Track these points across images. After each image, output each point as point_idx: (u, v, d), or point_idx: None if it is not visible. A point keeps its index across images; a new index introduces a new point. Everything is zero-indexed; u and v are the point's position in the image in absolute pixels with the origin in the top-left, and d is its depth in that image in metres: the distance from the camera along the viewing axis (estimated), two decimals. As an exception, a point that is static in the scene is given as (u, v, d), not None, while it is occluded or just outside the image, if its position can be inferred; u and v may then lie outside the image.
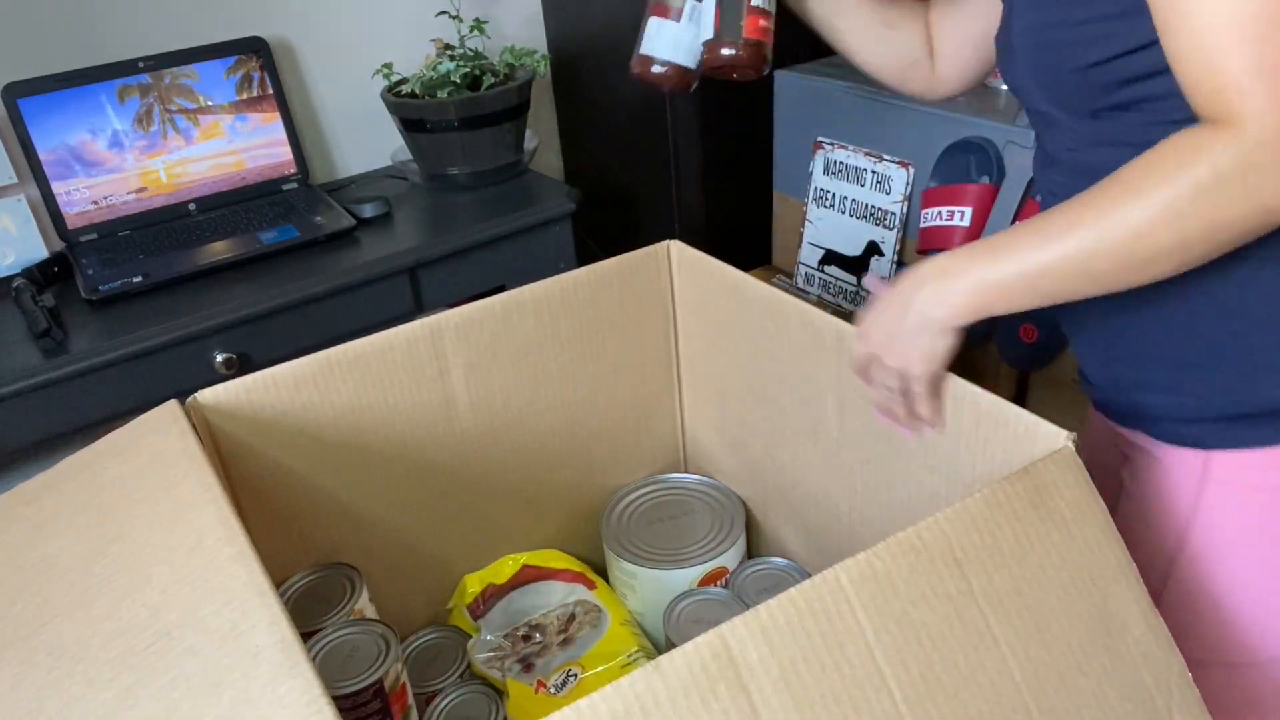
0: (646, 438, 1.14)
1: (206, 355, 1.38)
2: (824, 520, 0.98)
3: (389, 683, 0.82)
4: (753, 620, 0.56)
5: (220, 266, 1.47)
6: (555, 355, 1.00)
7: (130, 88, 1.56)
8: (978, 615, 0.61)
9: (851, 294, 1.74)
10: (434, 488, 0.99)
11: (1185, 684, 0.66)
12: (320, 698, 0.52)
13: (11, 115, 1.48)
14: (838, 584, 0.59)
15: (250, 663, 0.55)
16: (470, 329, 0.94)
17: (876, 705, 0.57)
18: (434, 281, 1.55)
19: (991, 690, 0.60)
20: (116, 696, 0.57)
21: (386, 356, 0.90)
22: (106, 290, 1.40)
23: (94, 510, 0.70)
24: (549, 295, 0.97)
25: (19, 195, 1.52)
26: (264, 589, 0.59)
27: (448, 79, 1.62)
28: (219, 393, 0.83)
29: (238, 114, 1.65)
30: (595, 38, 1.85)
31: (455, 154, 1.68)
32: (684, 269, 1.03)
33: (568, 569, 1.07)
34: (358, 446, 0.92)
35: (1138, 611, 0.66)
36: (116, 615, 0.61)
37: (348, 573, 0.93)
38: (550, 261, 1.64)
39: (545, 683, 0.95)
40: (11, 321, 1.38)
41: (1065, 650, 0.63)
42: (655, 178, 1.79)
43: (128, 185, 1.58)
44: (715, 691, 0.54)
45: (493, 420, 0.99)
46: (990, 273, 0.66)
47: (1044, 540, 0.65)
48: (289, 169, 1.71)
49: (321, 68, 1.77)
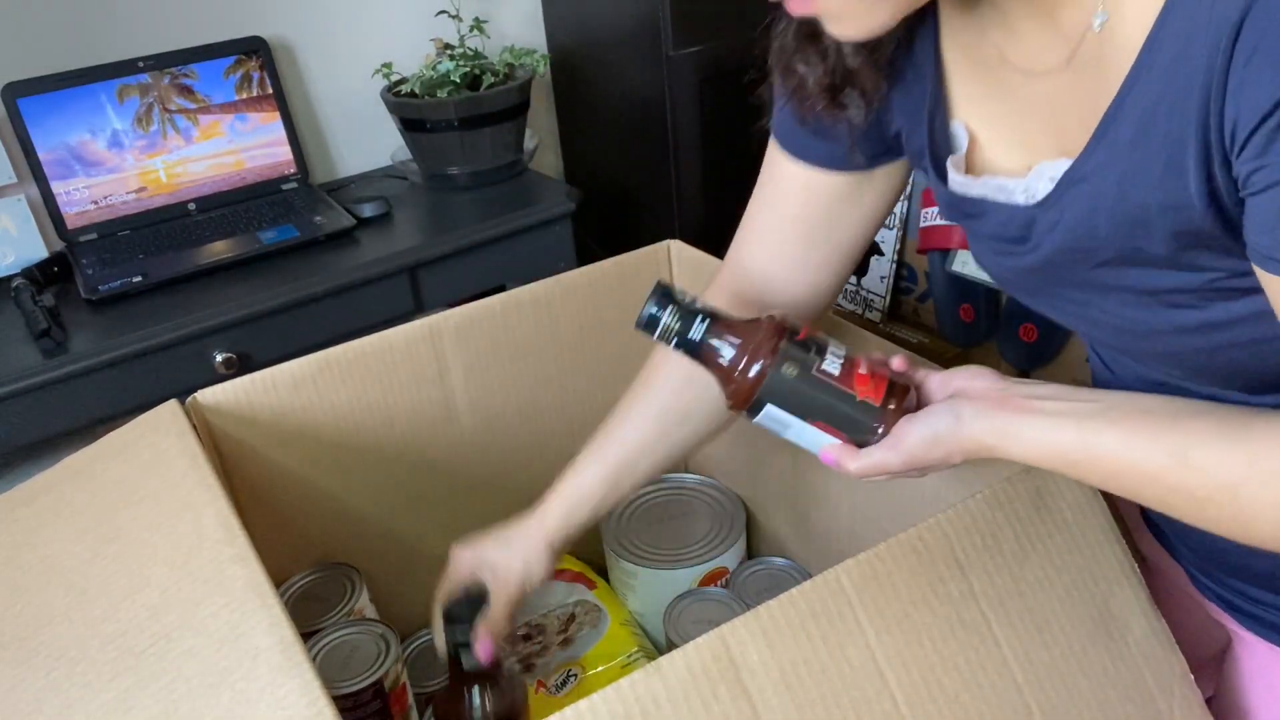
0: (647, 438, 1.13)
1: (206, 355, 1.38)
2: (824, 520, 0.98)
3: (389, 683, 0.82)
4: (753, 621, 0.56)
5: (220, 266, 1.47)
6: (555, 355, 1.00)
7: (130, 87, 1.56)
8: (979, 616, 0.61)
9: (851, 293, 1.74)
10: (434, 487, 0.99)
11: (1186, 685, 0.66)
12: (320, 698, 0.52)
13: (11, 115, 1.48)
14: (838, 585, 0.59)
15: (250, 663, 0.55)
16: (470, 329, 0.94)
17: (877, 707, 0.57)
18: (434, 281, 1.55)
19: (993, 692, 0.60)
20: (115, 698, 0.57)
21: (386, 356, 0.90)
22: (106, 290, 1.40)
23: (93, 511, 0.70)
24: (549, 295, 0.97)
25: (19, 195, 1.52)
26: (264, 589, 0.59)
27: (447, 79, 1.62)
28: (219, 393, 0.83)
29: (237, 114, 1.65)
30: (595, 38, 1.85)
31: (455, 154, 1.68)
32: (684, 269, 1.03)
33: (568, 569, 1.07)
34: (357, 446, 0.91)
35: (1139, 612, 0.66)
36: (116, 616, 0.61)
37: (348, 573, 0.93)
38: (550, 261, 1.64)
39: (545, 683, 0.95)
40: (11, 321, 1.38)
41: (1066, 651, 0.63)
42: (655, 178, 1.79)
43: (127, 185, 1.58)
44: (716, 693, 0.54)
45: (492, 420, 0.99)
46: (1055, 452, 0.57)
47: (1045, 541, 0.65)
48: (289, 169, 1.71)
49: (321, 68, 1.77)
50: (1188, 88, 0.45)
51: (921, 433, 0.59)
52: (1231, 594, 0.71)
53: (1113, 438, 0.55)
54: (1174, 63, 0.46)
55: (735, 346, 0.63)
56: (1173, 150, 0.47)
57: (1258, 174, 0.43)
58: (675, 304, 0.63)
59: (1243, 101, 0.42)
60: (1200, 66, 0.44)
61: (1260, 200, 0.44)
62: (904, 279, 1.61)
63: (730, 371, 0.63)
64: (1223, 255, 0.49)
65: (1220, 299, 0.52)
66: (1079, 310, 0.61)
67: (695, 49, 1.64)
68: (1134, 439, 0.54)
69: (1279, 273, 0.45)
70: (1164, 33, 0.46)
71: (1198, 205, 0.47)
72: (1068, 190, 0.54)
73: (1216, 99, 0.43)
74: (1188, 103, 0.45)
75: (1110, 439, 0.55)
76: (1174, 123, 0.46)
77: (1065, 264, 0.57)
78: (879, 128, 0.67)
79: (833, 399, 0.61)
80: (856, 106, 0.64)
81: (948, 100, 0.63)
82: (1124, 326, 0.59)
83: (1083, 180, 0.53)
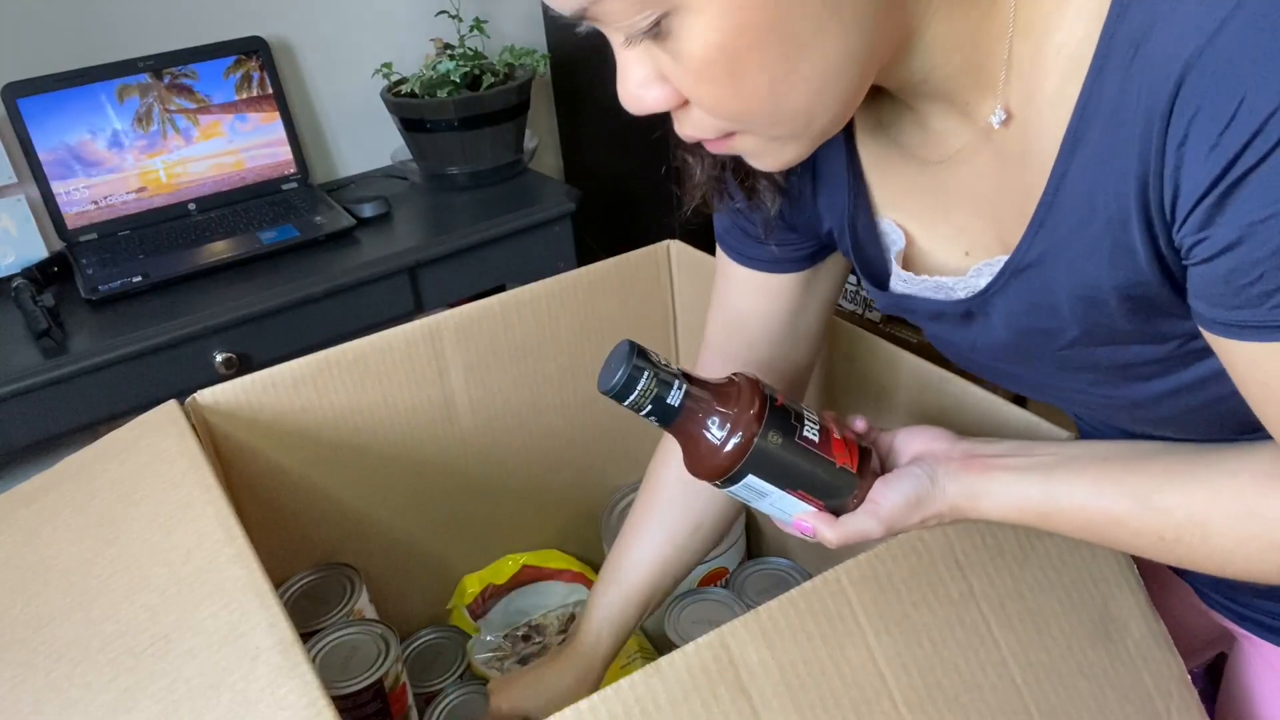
0: (646, 438, 1.13)
1: (206, 355, 1.38)
2: (824, 521, 0.98)
3: (389, 683, 0.82)
4: (753, 622, 0.56)
5: (220, 266, 1.47)
6: (555, 355, 1.00)
7: (130, 87, 1.56)
8: (979, 617, 0.61)
9: (851, 293, 1.74)
10: (434, 488, 0.99)
11: (1184, 686, 0.66)
12: (320, 699, 0.52)
13: (11, 115, 1.48)
14: (839, 585, 0.59)
15: (250, 664, 0.55)
16: (470, 329, 0.94)
17: (877, 708, 0.57)
18: (434, 281, 1.55)
19: (992, 693, 0.60)
20: (115, 699, 0.57)
21: (386, 356, 0.90)
22: (106, 290, 1.40)
23: (93, 511, 0.70)
24: (549, 295, 0.97)
25: (19, 195, 1.52)
26: (263, 590, 0.59)
27: (447, 79, 1.62)
28: (218, 393, 0.83)
29: (237, 114, 1.65)
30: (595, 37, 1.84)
31: (455, 154, 1.68)
32: (684, 269, 1.03)
33: (568, 569, 1.07)
34: (357, 446, 0.91)
35: (1138, 614, 0.66)
36: (115, 617, 0.61)
37: (347, 573, 0.93)
38: (550, 261, 1.64)
39: (545, 683, 0.95)
40: (11, 321, 1.38)
41: (1066, 652, 0.63)
42: (655, 178, 1.79)
43: (127, 185, 1.58)
44: (716, 694, 0.54)
45: (492, 420, 0.99)
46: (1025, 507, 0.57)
47: (1045, 542, 0.65)
48: (289, 169, 1.71)
49: (321, 68, 1.77)
50: (1123, 171, 0.45)
51: (900, 498, 0.59)
52: (1239, 605, 0.71)
53: (1078, 488, 0.56)
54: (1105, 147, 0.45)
55: (719, 415, 0.57)
56: (1117, 233, 0.47)
57: (1199, 246, 0.43)
58: (650, 367, 0.56)
59: (1181, 180, 0.42)
60: (1133, 150, 0.44)
61: (1202, 270, 0.44)
62: (904, 279, 1.61)
63: (711, 442, 0.58)
64: (1186, 320, 0.49)
65: (1194, 359, 0.52)
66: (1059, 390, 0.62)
67: (695, 49, 1.64)
68: (1097, 487, 0.55)
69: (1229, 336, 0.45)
70: (1087, 119, 0.46)
71: (1151, 279, 0.47)
72: (1016, 276, 0.54)
73: (1155, 178, 0.43)
74: (1124, 185, 0.45)
75: (1075, 490, 0.56)
76: (1114, 206, 0.46)
77: (1029, 345, 0.57)
78: (813, 229, 0.67)
79: (815, 467, 0.58)
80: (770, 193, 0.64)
81: (870, 200, 0.63)
82: (1105, 403, 0.60)
83: (1030, 267, 0.53)
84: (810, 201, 0.66)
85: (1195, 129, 0.40)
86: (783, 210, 0.65)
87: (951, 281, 0.59)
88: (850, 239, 0.64)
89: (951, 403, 0.78)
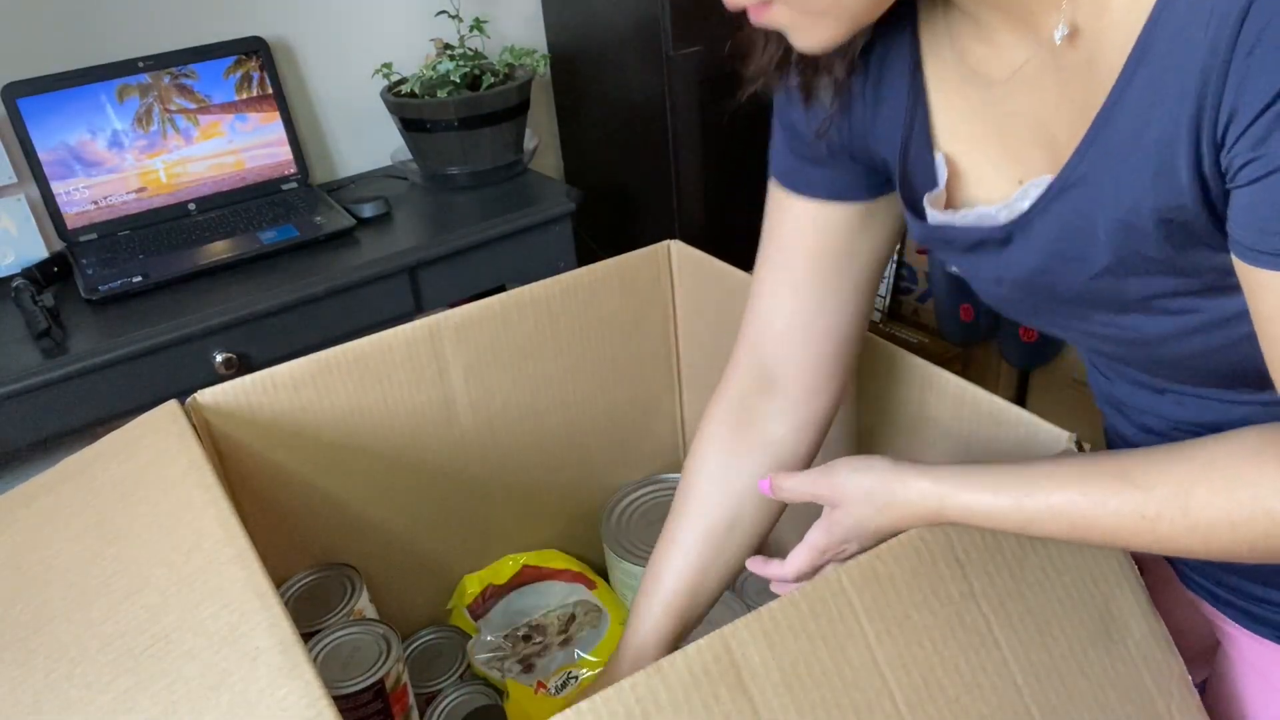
0: (646, 438, 1.14)
1: (206, 355, 1.38)
2: (824, 521, 0.98)
3: (390, 683, 0.82)
4: (754, 622, 0.56)
5: (220, 266, 1.47)
6: (555, 356, 1.00)
7: (130, 87, 1.56)
8: (979, 618, 0.61)
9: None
10: (434, 488, 0.99)
11: (1185, 686, 0.66)
12: (321, 699, 0.52)
13: (11, 115, 1.48)
14: (839, 586, 0.59)
15: (250, 664, 0.55)
16: (470, 329, 0.94)
17: (878, 708, 0.57)
18: (434, 281, 1.55)
19: (993, 693, 0.60)
20: (115, 699, 0.57)
21: (386, 357, 0.90)
22: (106, 290, 1.40)
23: (93, 511, 0.70)
24: (549, 295, 0.97)
25: (19, 195, 1.52)
26: (264, 590, 0.59)
27: (447, 79, 1.62)
28: (218, 393, 0.83)
29: (237, 114, 1.65)
30: (595, 38, 1.85)
31: (455, 154, 1.68)
32: (684, 269, 1.03)
33: (568, 569, 1.07)
34: (357, 447, 0.91)
35: (1139, 614, 0.66)
36: (115, 617, 0.61)
37: (348, 573, 0.93)
38: (550, 261, 1.64)
39: (545, 684, 0.95)
40: (11, 321, 1.38)
41: (1066, 652, 0.63)
42: (655, 178, 1.79)
43: (127, 185, 1.58)
44: (717, 694, 0.54)
45: (492, 420, 0.99)
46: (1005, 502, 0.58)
47: (1045, 542, 0.65)
48: (289, 169, 1.71)
49: (321, 68, 1.77)
50: (1181, 90, 0.45)
51: (856, 490, 0.62)
52: (1224, 590, 0.71)
53: (1057, 469, 0.57)
54: (1167, 65, 0.46)
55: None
56: (1164, 154, 0.47)
57: (1251, 165, 0.43)
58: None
59: (1244, 92, 0.42)
60: (1196, 65, 0.44)
61: (1249, 192, 0.44)
62: (904, 279, 1.61)
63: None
64: (1220, 251, 0.49)
65: (1220, 295, 0.52)
66: (1080, 325, 0.61)
67: (695, 49, 1.64)
68: (1078, 468, 0.56)
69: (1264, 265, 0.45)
70: (1156, 34, 0.46)
71: (1191, 206, 0.47)
72: (1058, 197, 0.54)
73: (1214, 94, 0.43)
74: (1181, 105, 0.45)
75: (1055, 471, 0.56)
76: (1165, 127, 0.46)
77: (1059, 272, 0.57)
78: (867, 155, 0.67)
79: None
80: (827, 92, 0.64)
81: (930, 127, 0.62)
82: (1125, 337, 0.59)
83: (1074, 186, 0.53)
84: (869, 123, 0.65)
85: (1266, 38, 0.41)
86: (840, 128, 0.65)
87: (994, 210, 0.59)
88: (900, 165, 0.64)
89: (953, 403, 0.78)
